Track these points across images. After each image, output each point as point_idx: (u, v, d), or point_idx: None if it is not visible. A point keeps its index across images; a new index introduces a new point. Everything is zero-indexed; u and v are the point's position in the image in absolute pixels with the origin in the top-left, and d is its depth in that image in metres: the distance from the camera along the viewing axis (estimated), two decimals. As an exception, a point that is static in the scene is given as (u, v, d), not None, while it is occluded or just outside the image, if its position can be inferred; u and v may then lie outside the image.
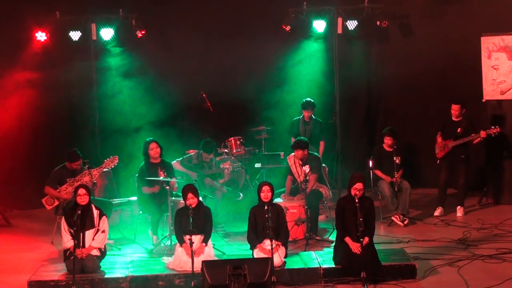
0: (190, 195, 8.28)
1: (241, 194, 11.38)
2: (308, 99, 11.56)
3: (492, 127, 10.48)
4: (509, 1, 11.91)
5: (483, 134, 10.42)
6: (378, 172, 10.56)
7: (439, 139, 10.76)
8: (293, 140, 10.69)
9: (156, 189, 9.41)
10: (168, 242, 9.18)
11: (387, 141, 10.54)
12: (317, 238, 9.52)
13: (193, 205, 8.24)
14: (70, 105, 12.43)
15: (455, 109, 10.64)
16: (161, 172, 9.58)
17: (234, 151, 11.87)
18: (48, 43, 11.93)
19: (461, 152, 10.66)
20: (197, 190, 8.47)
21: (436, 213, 10.67)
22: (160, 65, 12.49)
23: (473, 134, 10.50)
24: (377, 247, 8.08)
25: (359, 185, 7.97)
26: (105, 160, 9.93)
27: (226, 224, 10.47)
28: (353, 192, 7.99)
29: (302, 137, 10.25)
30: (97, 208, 8.41)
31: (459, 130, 10.62)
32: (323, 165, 10.44)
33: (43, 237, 10.18)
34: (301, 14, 12.18)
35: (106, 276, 8.05)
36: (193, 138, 12.08)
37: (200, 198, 8.85)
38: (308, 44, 12.62)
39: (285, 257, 8.17)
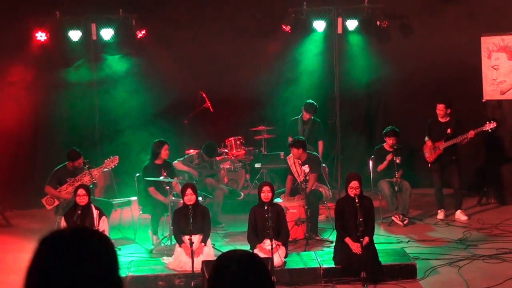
0: (189, 190, 8.25)
1: (242, 194, 11.39)
2: (312, 101, 11.58)
3: (487, 122, 10.41)
4: (509, 1, 11.91)
5: (471, 134, 10.33)
6: (380, 166, 10.48)
7: (429, 142, 10.69)
8: (290, 139, 10.70)
9: (167, 201, 9.39)
10: (168, 242, 9.18)
11: (389, 141, 10.50)
12: (317, 238, 9.52)
13: (191, 202, 8.21)
14: (70, 105, 12.43)
15: (440, 108, 10.55)
16: (164, 173, 9.58)
17: (234, 151, 11.88)
18: (48, 43, 11.94)
19: (452, 153, 10.60)
20: (197, 188, 8.47)
21: (440, 216, 10.61)
22: (160, 65, 12.50)
23: (459, 136, 10.41)
24: (377, 247, 8.08)
25: (354, 183, 7.97)
26: (106, 160, 9.93)
27: (226, 224, 10.47)
28: (350, 191, 7.99)
29: (300, 136, 10.29)
30: (97, 208, 8.42)
31: (449, 131, 10.55)
32: (323, 165, 10.45)
33: (43, 237, 10.15)
34: (301, 14, 12.19)
35: (106, 276, 8.04)
36: (193, 138, 12.10)
37: (200, 198, 8.87)
38: (308, 44, 12.63)
39: (285, 257, 8.17)
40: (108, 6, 12.00)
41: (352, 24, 12.18)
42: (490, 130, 10.42)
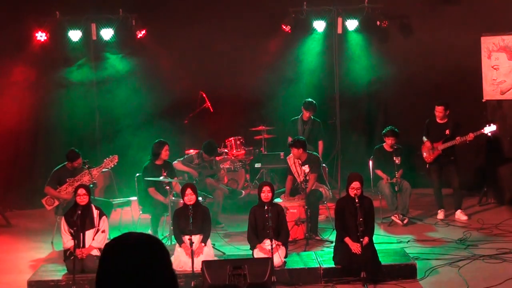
0: (189, 190, 8.23)
1: (243, 192, 11.39)
2: (311, 100, 11.58)
3: (487, 124, 10.39)
4: (509, 1, 11.90)
5: (470, 137, 10.32)
6: (379, 172, 10.53)
7: (427, 143, 10.69)
8: (290, 139, 10.71)
9: (167, 201, 9.37)
10: (168, 242, 9.18)
11: (388, 141, 10.50)
12: (317, 238, 9.52)
13: (191, 202, 8.20)
14: (70, 105, 12.43)
15: (439, 110, 10.56)
16: (164, 173, 9.58)
17: (234, 151, 11.88)
18: (48, 43, 11.94)
19: (450, 154, 10.59)
20: (197, 188, 8.47)
21: (440, 216, 10.61)
22: (160, 65, 12.50)
23: (457, 137, 10.40)
24: (377, 247, 8.07)
25: (356, 184, 7.97)
26: (105, 160, 9.93)
27: (226, 224, 10.47)
28: (351, 191, 7.99)
29: (300, 137, 10.29)
30: (97, 208, 8.41)
31: (447, 132, 10.55)
32: (323, 165, 10.45)
33: (43, 237, 10.18)
34: (301, 14, 12.19)
35: (106, 276, 8.03)
36: (193, 138, 12.09)
37: (200, 198, 8.86)
38: (308, 44, 12.63)
39: (285, 257, 8.17)
40: (108, 6, 12.00)
41: (352, 24, 12.18)
42: (489, 135, 10.43)
